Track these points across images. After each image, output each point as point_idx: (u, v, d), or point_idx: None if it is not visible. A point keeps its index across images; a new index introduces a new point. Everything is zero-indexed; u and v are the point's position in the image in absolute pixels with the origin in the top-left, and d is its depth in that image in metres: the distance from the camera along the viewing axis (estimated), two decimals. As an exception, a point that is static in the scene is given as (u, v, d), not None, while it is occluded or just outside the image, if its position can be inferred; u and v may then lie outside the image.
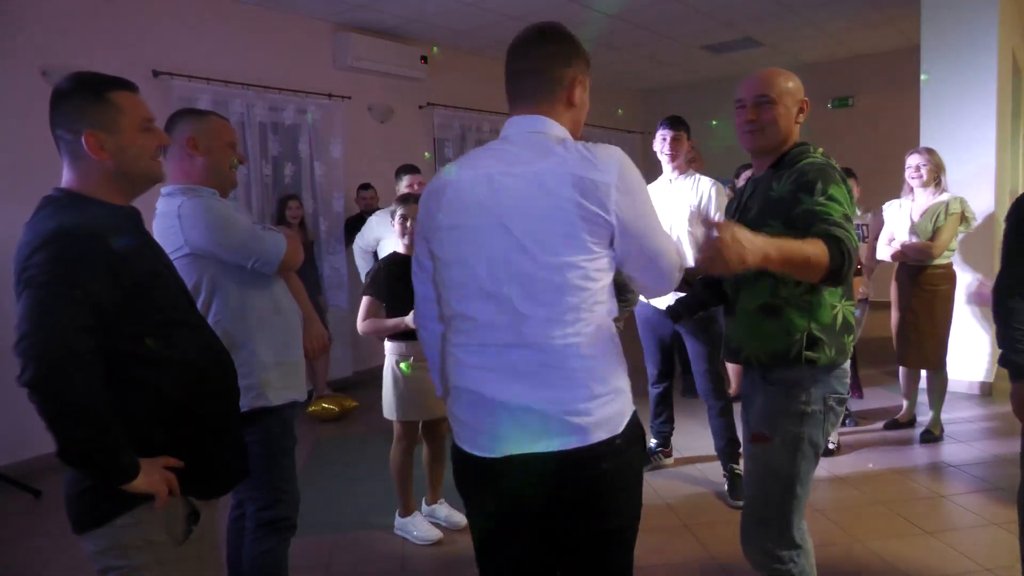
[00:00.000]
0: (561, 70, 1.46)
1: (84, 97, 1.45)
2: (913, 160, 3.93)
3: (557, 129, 1.45)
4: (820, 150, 1.89)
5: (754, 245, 1.45)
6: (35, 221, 1.42)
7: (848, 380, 1.92)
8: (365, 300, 2.92)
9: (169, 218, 1.99)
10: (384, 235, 4.01)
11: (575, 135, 1.49)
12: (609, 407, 1.40)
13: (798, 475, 1.85)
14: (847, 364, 1.90)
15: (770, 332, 1.84)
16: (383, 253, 3.70)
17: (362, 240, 4.37)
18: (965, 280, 4.62)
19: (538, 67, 1.45)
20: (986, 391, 4.87)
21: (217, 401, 1.58)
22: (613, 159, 1.38)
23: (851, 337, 1.88)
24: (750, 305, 1.88)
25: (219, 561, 1.63)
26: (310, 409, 4.93)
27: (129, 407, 1.40)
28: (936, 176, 3.93)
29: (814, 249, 1.58)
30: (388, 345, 3.03)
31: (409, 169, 4.21)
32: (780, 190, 1.83)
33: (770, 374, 1.89)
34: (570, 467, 1.39)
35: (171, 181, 2.06)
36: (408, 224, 2.96)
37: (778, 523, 1.88)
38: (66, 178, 1.49)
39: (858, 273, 3.64)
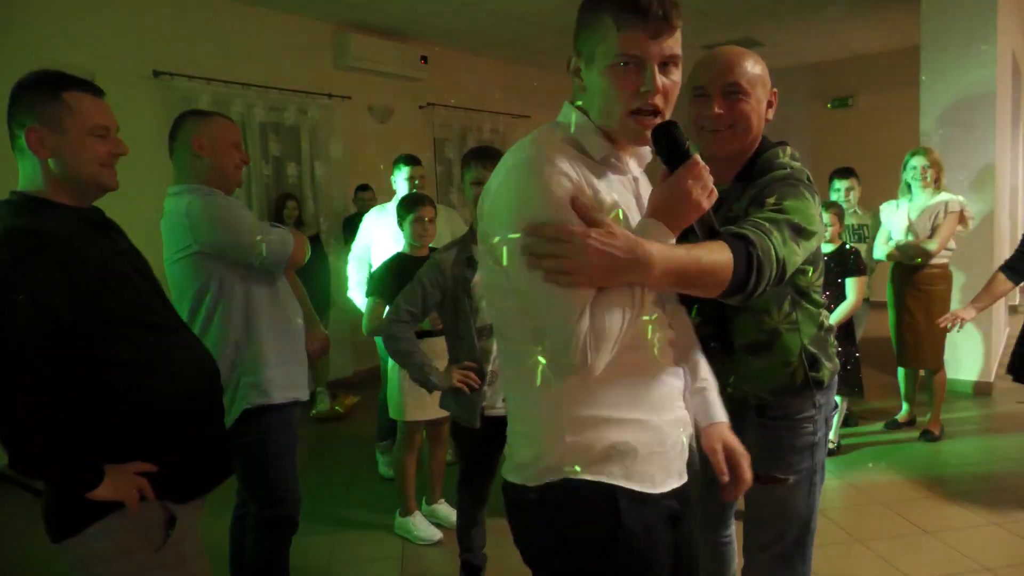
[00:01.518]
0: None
1: (38, 93, 1.42)
2: (918, 161, 3.93)
3: (564, 115, 1.22)
4: (790, 150, 1.58)
5: (633, 254, 1.05)
6: None
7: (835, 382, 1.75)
8: (370, 302, 2.88)
9: (177, 217, 2.01)
10: (376, 233, 3.64)
11: (606, 121, 1.16)
12: (525, 449, 1.19)
13: (814, 508, 1.70)
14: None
15: (765, 368, 1.62)
16: (376, 253, 3.56)
17: (358, 248, 3.73)
18: (961, 280, 4.62)
19: None
20: (986, 391, 4.87)
21: (191, 403, 1.54)
22: (509, 159, 1.14)
23: (833, 339, 1.71)
24: (735, 346, 1.63)
25: (205, 564, 1.59)
26: (312, 413, 4.94)
27: (95, 411, 1.37)
28: (937, 176, 3.93)
29: (712, 256, 1.15)
30: None
31: (408, 160, 3.73)
32: (739, 210, 1.49)
33: (767, 409, 1.66)
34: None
35: (177, 181, 2.09)
36: (426, 226, 2.90)
37: (793, 562, 1.70)
38: (20, 180, 1.46)
39: (860, 272, 3.66)
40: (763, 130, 1.60)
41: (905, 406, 4.26)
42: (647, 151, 1.24)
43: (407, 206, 2.94)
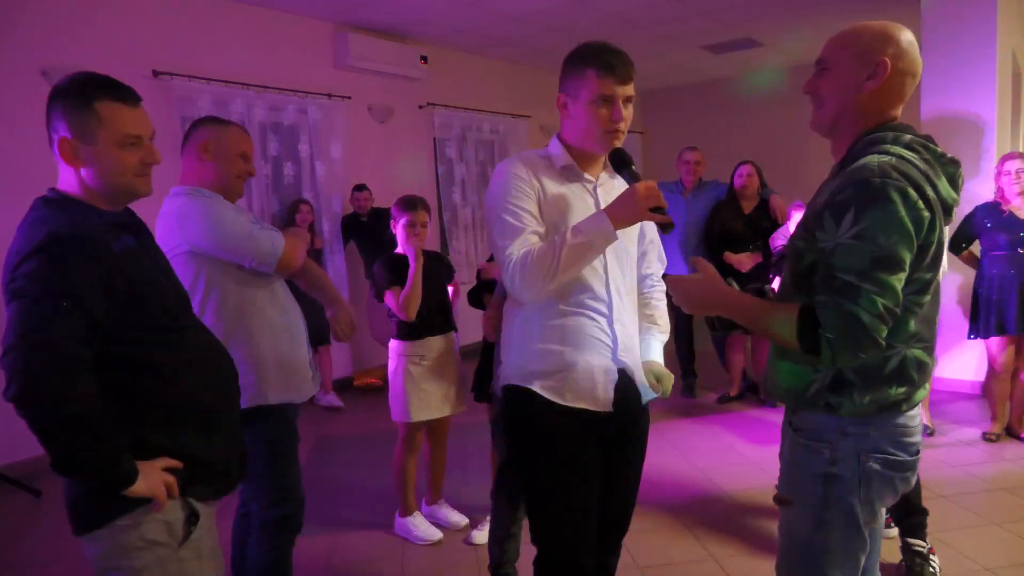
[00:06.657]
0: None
1: (71, 101, 1.41)
2: None
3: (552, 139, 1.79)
4: (907, 137, 1.35)
5: (695, 300, 1.47)
6: (27, 225, 1.40)
7: (914, 438, 1.42)
8: (390, 294, 2.90)
9: (170, 217, 2.03)
10: None
11: (587, 137, 1.70)
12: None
13: (826, 551, 1.42)
14: (907, 418, 1.41)
15: (792, 363, 1.44)
16: None
17: None
18: (959, 280, 4.62)
19: None
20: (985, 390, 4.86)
21: (215, 403, 1.57)
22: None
23: (904, 390, 1.38)
24: None
25: (220, 562, 1.62)
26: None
27: (124, 412, 1.38)
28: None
29: (779, 325, 1.32)
30: (395, 345, 3.03)
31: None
32: (817, 205, 1.38)
33: (795, 416, 1.49)
34: None
35: (180, 182, 2.11)
36: (416, 230, 2.91)
37: None
38: (60, 179, 1.47)
39: None
40: (874, 107, 1.42)
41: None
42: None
43: (407, 211, 2.94)
